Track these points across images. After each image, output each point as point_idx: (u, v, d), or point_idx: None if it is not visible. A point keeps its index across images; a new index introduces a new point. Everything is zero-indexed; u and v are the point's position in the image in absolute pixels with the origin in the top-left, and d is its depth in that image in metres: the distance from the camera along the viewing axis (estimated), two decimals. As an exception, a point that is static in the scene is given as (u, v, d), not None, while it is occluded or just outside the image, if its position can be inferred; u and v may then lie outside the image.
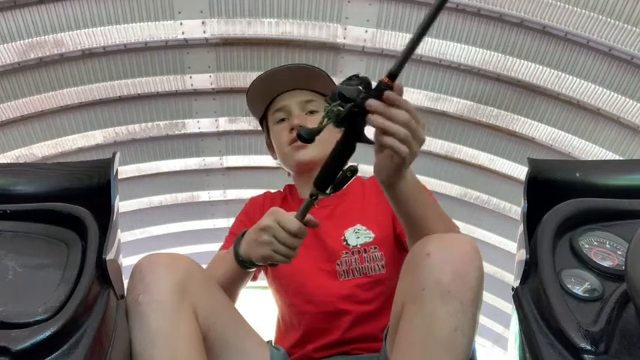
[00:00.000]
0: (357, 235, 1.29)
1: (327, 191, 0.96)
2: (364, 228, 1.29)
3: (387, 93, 0.86)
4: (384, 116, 0.86)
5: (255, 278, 1.34)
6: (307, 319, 1.26)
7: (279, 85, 1.39)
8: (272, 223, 1.03)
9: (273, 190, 1.49)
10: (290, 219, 1.03)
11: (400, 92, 0.87)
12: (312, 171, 1.34)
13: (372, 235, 1.28)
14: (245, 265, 1.11)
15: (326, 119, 0.87)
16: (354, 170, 0.93)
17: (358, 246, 1.27)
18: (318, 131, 0.91)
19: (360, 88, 0.86)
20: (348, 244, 1.28)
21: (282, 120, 1.39)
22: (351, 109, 0.85)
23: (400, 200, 1.00)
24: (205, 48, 3.98)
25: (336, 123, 0.87)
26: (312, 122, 1.36)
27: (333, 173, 0.94)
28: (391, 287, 1.20)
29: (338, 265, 1.26)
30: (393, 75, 0.85)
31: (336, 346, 1.23)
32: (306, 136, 0.92)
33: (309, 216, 1.04)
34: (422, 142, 0.91)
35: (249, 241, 1.08)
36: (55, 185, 1.12)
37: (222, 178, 5.17)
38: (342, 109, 0.85)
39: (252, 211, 1.42)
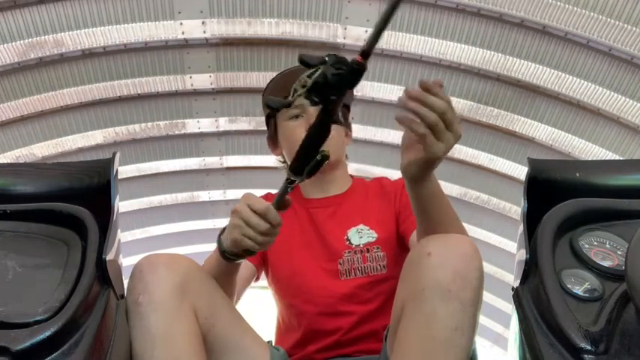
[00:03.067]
0: (360, 235, 1.28)
1: (303, 176, 0.93)
2: (367, 228, 1.29)
3: (424, 80, 0.82)
4: (420, 103, 0.83)
5: (257, 279, 1.33)
6: (307, 319, 1.26)
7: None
8: (241, 206, 1.00)
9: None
10: (259, 200, 0.99)
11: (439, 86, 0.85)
12: (323, 172, 1.34)
13: (375, 235, 1.28)
14: (226, 256, 1.07)
15: (294, 92, 0.82)
16: (324, 155, 0.90)
17: (361, 245, 1.27)
18: (287, 104, 0.86)
19: (325, 58, 0.81)
20: (351, 243, 1.28)
21: (297, 117, 1.35)
22: (316, 79, 0.80)
23: (425, 199, 0.98)
24: (205, 48, 3.98)
25: (305, 95, 0.82)
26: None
27: (308, 157, 0.91)
28: (392, 286, 1.20)
29: (340, 264, 1.26)
30: (365, 53, 0.78)
31: (337, 348, 1.23)
32: (274, 105, 0.89)
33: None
34: (458, 136, 0.87)
35: (226, 228, 1.05)
36: (55, 185, 1.12)
37: (222, 178, 5.18)
38: (308, 79, 0.81)
39: None
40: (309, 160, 0.91)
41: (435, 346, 0.87)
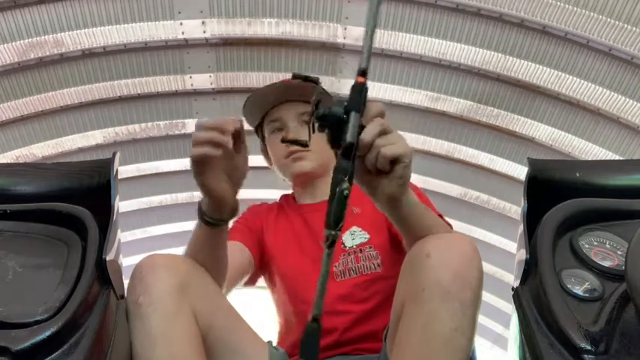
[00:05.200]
0: (353, 237, 1.30)
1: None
2: (359, 229, 1.31)
3: (377, 122, 0.81)
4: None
5: (254, 282, 1.34)
6: (306, 319, 1.26)
7: (274, 98, 1.41)
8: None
9: (270, 201, 1.50)
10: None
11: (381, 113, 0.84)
12: (310, 181, 1.38)
13: (367, 236, 1.29)
14: (206, 220, 1.02)
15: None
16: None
17: (354, 246, 1.29)
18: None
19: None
20: (345, 246, 1.29)
21: (279, 130, 1.40)
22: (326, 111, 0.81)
23: (403, 217, 0.96)
24: (205, 48, 3.98)
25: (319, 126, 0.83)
26: (307, 132, 1.35)
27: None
28: (388, 285, 1.21)
29: (335, 266, 1.27)
30: (364, 71, 0.79)
31: (336, 347, 1.23)
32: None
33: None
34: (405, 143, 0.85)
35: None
36: (55, 185, 1.12)
37: (222, 178, 5.17)
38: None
39: (251, 217, 1.42)
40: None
41: (434, 346, 0.87)
